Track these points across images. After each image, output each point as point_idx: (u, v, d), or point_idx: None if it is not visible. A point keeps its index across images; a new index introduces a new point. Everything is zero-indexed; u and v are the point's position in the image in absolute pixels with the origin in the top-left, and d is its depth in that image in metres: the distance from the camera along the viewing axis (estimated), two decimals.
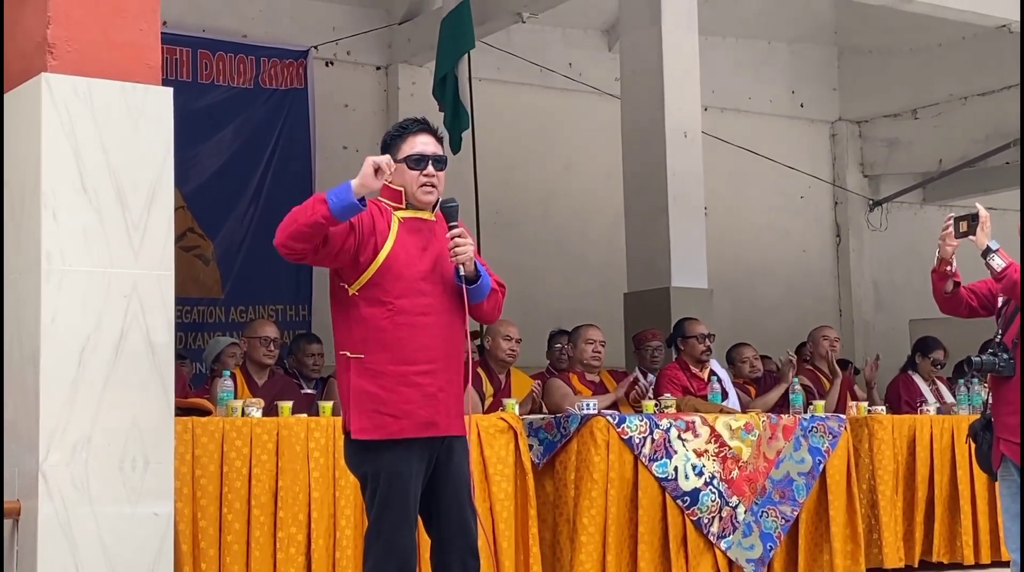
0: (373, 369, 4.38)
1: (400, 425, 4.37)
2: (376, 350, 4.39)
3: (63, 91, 4.74)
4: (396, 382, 4.38)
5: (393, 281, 4.41)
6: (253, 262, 10.95)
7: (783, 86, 14.11)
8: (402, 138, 4.56)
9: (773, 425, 6.98)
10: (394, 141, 4.58)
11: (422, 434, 4.42)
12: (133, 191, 4.84)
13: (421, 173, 4.51)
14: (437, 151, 4.57)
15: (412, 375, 4.40)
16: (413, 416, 4.39)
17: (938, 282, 5.38)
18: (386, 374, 4.38)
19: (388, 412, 4.36)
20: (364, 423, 4.36)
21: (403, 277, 4.43)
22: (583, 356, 7.94)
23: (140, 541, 4.74)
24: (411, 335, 4.41)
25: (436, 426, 4.45)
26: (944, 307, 5.45)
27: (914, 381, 9.13)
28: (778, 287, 13.82)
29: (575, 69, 12.40)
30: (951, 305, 5.40)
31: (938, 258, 5.36)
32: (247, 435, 5.67)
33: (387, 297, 4.40)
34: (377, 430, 4.36)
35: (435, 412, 4.44)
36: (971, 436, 5.37)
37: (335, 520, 5.77)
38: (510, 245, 11.77)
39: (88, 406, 4.68)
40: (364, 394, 4.37)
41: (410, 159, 4.51)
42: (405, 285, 4.43)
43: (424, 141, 4.56)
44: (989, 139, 13.44)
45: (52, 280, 4.65)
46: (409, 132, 4.57)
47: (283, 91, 11.19)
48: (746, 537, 6.77)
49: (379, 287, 4.41)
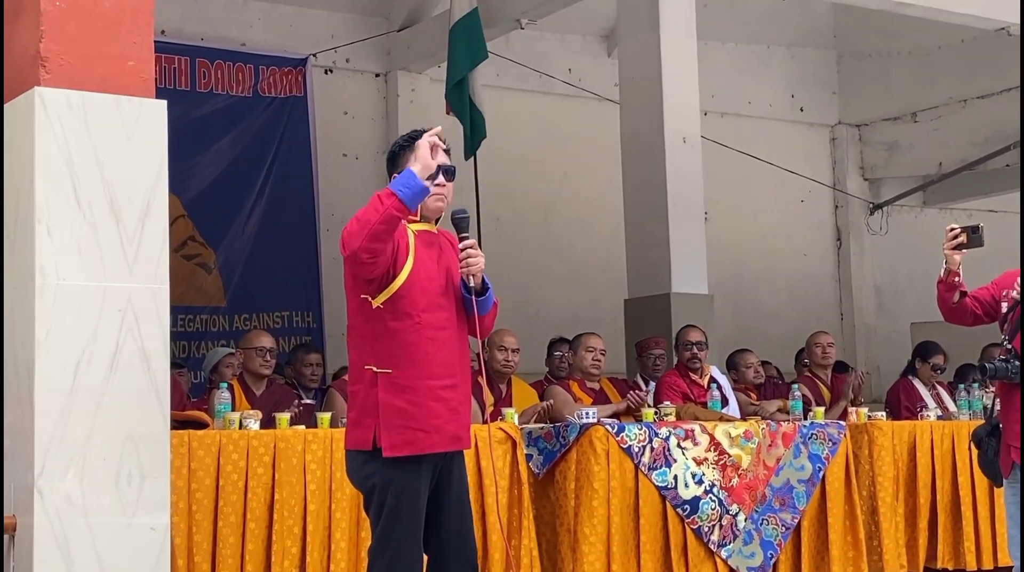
0: (402, 384, 4.37)
1: (431, 440, 4.37)
2: (405, 365, 4.37)
3: (56, 105, 4.72)
4: (426, 397, 4.38)
5: (419, 294, 4.41)
6: (255, 270, 10.96)
7: (782, 90, 14.10)
8: (411, 148, 4.54)
9: (773, 432, 6.96)
10: (403, 151, 4.57)
11: (450, 448, 4.44)
12: (127, 204, 4.82)
13: (433, 183, 4.50)
14: (447, 161, 4.56)
15: (439, 389, 4.41)
16: (443, 431, 4.40)
17: (946, 293, 5.30)
18: (416, 389, 4.37)
19: (419, 427, 4.35)
20: (395, 439, 4.34)
21: (427, 291, 4.43)
22: (583, 364, 7.92)
23: (136, 555, 4.72)
24: (436, 350, 4.41)
25: (461, 440, 4.48)
26: (950, 317, 5.39)
27: (915, 386, 9.11)
28: (779, 292, 13.81)
29: (574, 75, 12.40)
30: (957, 315, 5.34)
31: (946, 269, 5.27)
32: (244, 448, 5.65)
33: (414, 310, 4.40)
34: (408, 446, 4.34)
35: (460, 426, 4.47)
36: (975, 442, 5.33)
37: (330, 532, 5.75)
38: (510, 252, 11.76)
39: (83, 420, 4.66)
40: (394, 410, 4.35)
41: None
42: (429, 299, 4.43)
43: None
44: (988, 142, 13.43)
45: (46, 295, 4.64)
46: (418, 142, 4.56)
47: (282, 99, 11.19)
48: (747, 545, 6.76)
49: (405, 300, 4.40)
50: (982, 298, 5.33)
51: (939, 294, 5.34)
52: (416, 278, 4.42)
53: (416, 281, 4.41)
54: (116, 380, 4.73)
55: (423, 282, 4.43)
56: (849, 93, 14.40)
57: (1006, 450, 5.14)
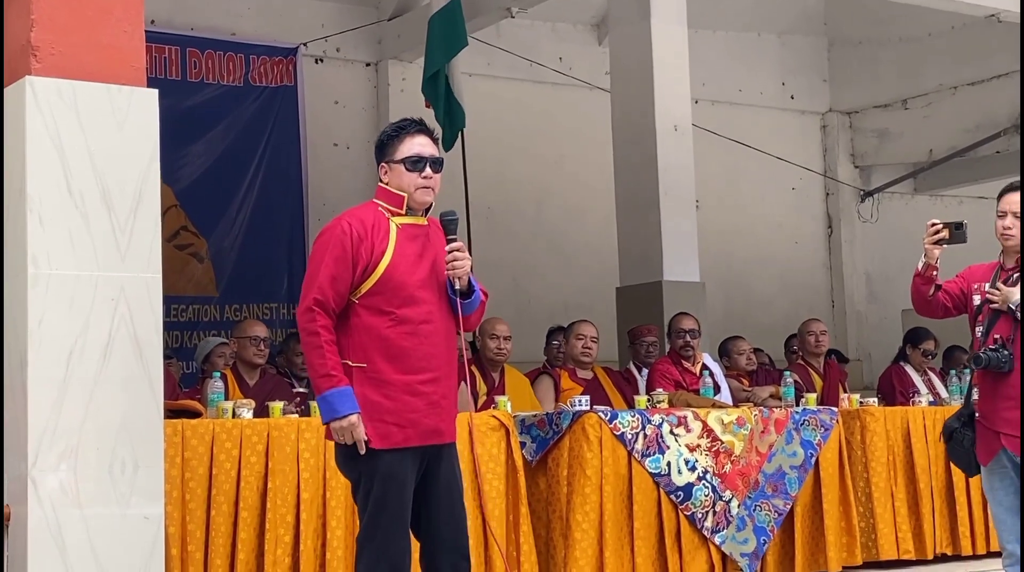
0: (377, 378, 4.38)
1: (405, 434, 4.38)
2: (380, 360, 4.38)
3: (47, 94, 4.72)
4: (401, 391, 4.38)
5: (394, 290, 4.40)
6: (246, 261, 10.95)
7: (773, 78, 14.10)
8: (399, 138, 4.54)
9: (765, 419, 6.98)
10: (390, 141, 4.56)
11: (426, 442, 4.43)
12: (119, 194, 4.82)
13: (419, 175, 4.49)
14: (434, 153, 4.56)
15: (417, 384, 4.40)
16: (419, 425, 4.40)
17: (923, 286, 5.32)
18: (392, 384, 4.38)
19: (393, 421, 4.36)
20: (370, 432, 4.35)
21: (405, 286, 4.42)
22: (574, 352, 7.94)
23: (130, 544, 4.73)
24: (415, 345, 4.40)
25: (440, 434, 4.47)
26: (922, 309, 5.41)
27: (906, 372, 9.13)
28: (770, 279, 13.82)
29: (565, 63, 12.39)
30: (930, 308, 5.38)
31: (924, 263, 5.27)
32: (237, 437, 5.65)
33: (389, 306, 4.40)
34: (382, 440, 4.35)
35: (439, 420, 4.46)
36: (945, 434, 5.35)
37: (325, 521, 5.76)
38: (502, 241, 11.76)
39: (77, 410, 4.66)
40: (369, 403, 4.36)
41: (408, 161, 4.49)
42: (407, 294, 4.42)
43: (421, 142, 4.54)
44: (979, 129, 13.44)
45: (39, 284, 4.64)
46: (406, 132, 4.55)
47: (273, 88, 11.17)
48: (740, 531, 6.77)
49: (380, 296, 4.40)
50: (951, 291, 5.38)
51: (915, 286, 5.35)
52: (393, 273, 4.41)
53: (392, 276, 4.41)
54: (109, 370, 4.73)
55: (401, 277, 4.42)
56: (840, 80, 14.40)
57: (987, 437, 5.16)
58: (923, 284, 5.31)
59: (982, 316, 5.27)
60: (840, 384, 8.82)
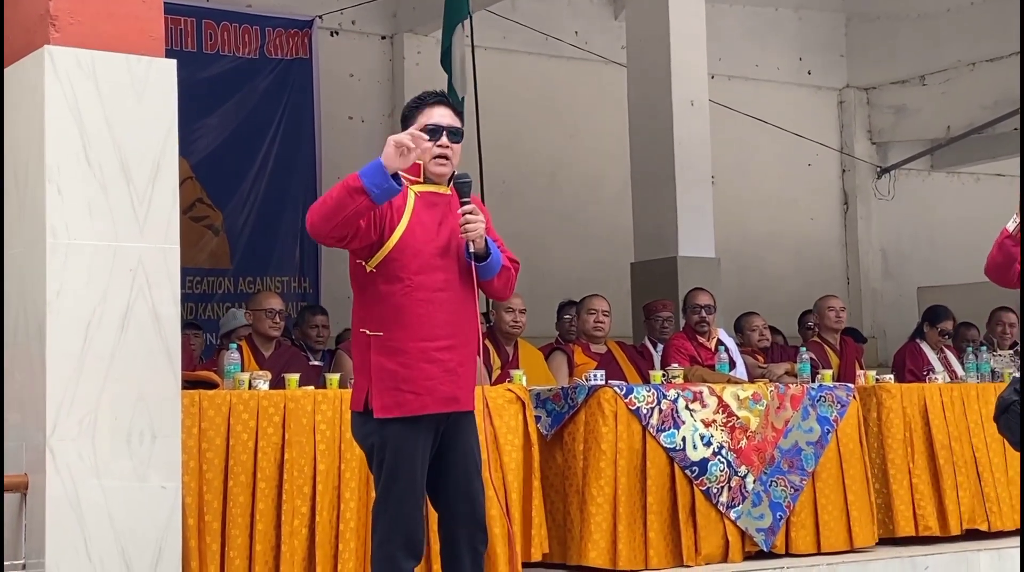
0: (393, 346, 4.37)
1: (421, 402, 4.37)
2: (396, 327, 4.38)
3: (66, 64, 4.71)
4: (417, 359, 4.37)
5: (411, 257, 4.40)
6: (260, 233, 10.98)
7: (790, 53, 14.04)
8: (419, 110, 4.56)
9: (781, 395, 6.96)
10: (412, 113, 4.58)
11: (444, 410, 4.43)
12: (137, 164, 4.82)
13: (436, 144, 4.49)
14: (453, 123, 4.55)
15: (433, 351, 4.39)
16: (435, 392, 4.39)
17: (1013, 248, 5.04)
18: (407, 351, 4.37)
19: (410, 389, 4.36)
20: (386, 401, 4.35)
21: (421, 253, 4.42)
22: (586, 326, 7.94)
23: (148, 515, 4.74)
24: (430, 311, 4.40)
25: (457, 401, 4.47)
26: (1002, 275, 5.10)
27: (922, 350, 9.10)
28: (785, 256, 13.79)
29: (581, 38, 12.35)
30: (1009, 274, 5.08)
31: (1017, 223, 4.99)
32: (254, 408, 5.66)
33: (405, 273, 4.39)
34: (398, 408, 4.35)
35: (456, 387, 4.45)
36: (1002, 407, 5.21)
37: (339, 492, 5.77)
38: (516, 215, 11.74)
39: (95, 380, 4.67)
40: (385, 372, 4.36)
41: (425, 130, 4.49)
42: (423, 261, 4.41)
43: (441, 113, 4.55)
44: (997, 105, 13.38)
45: (57, 254, 4.64)
46: (426, 104, 4.57)
47: (288, 61, 11.17)
48: (755, 507, 6.76)
49: (396, 263, 4.39)
50: None
51: (1002, 250, 5.07)
52: (409, 241, 4.40)
53: (409, 244, 4.40)
54: (127, 340, 4.74)
55: (417, 244, 4.41)
56: (857, 56, 14.33)
57: None
58: (1013, 246, 5.06)
59: None
60: (856, 361, 8.79)
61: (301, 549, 5.67)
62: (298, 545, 5.66)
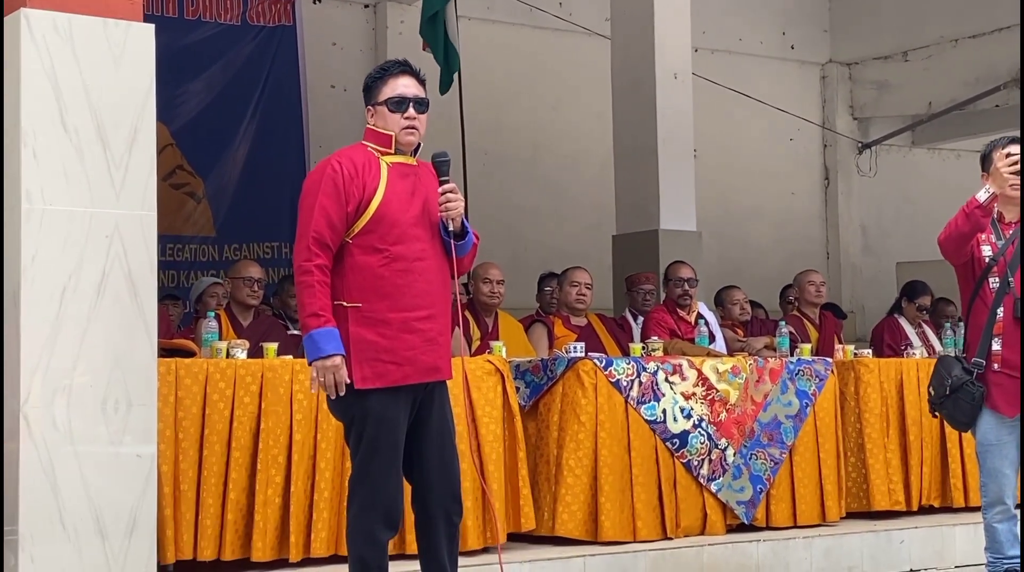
0: (373, 317, 4.36)
1: (403, 372, 4.37)
2: (374, 298, 4.37)
3: (43, 27, 4.66)
4: (398, 330, 4.37)
5: (388, 228, 4.39)
6: (244, 201, 10.93)
7: (774, 27, 14.00)
8: (383, 80, 4.54)
9: (760, 368, 6.97)
10: (375, 83, 4.57)
11: (426, 379, 4.44)
12: (114, 130, 4.78)
13: (402, 115, 4.48)
14: (419, 93, 4.54)
15: (413, 321, 4.40)
16: (417, 362, 4.40)
17: (983, 218, 5.03)
18: (388, 322, 4.36)
19: (391, 360, 4.35)
20: (366, 372, 4.34)
21: (398, 223, 4.41)
22: (568, 299, 7.92)
23: (123, 483, 4.72)
24: (409, 282, 4.40)
25: (439, 370, 4.48)
26: (956, 249, 5.11)
27: (900, 325, 9.13)
28: (766, 230, 13.80)
29: (565, 9, 12.29)
30: (963, 248, 5.10)
31: (991, 194, 4.99)
32: (231, 377, 5.63)
33: (383, 244, 4.38)
34: (379, 378, 4.35)
35: (437, 356, 4.46)
36: (954, 387, 5.21)
37: (315, 462, 5.75)
38: (498, 187, 11.72)
39: (70, 347, 4.64)
40: (364, 343, 4.35)
41: (390, 102, 4.49)
42: (400, 231, 4.41)
43: (405, 83, 4.53)
44: (979, 82, 13.36)
45: (32, 219, 4.60)
46: (390, 74, 4.55)
47: (271, 28, 11.09)
48: (736, 479, 6.77)
49: (374, 234, 4.38)
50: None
51: (968, 220, 5.02)
52: (386, 211, 4.40)
53: (386, 214, 4.39)
54: (103, 307, 4.71)
55: (394, 215, 4.40)
56: (840, 31, 14.30)
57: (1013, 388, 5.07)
58: (983, 216, 5.04)
59: (998, 268, 5.15)
60: (835, 336, 8.80)
61: (274, 519, 5.66)
62: (271, 515, 5.64)
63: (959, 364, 5.24)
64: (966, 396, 5.18)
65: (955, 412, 5.25)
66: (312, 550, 5.71)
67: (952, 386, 5.20)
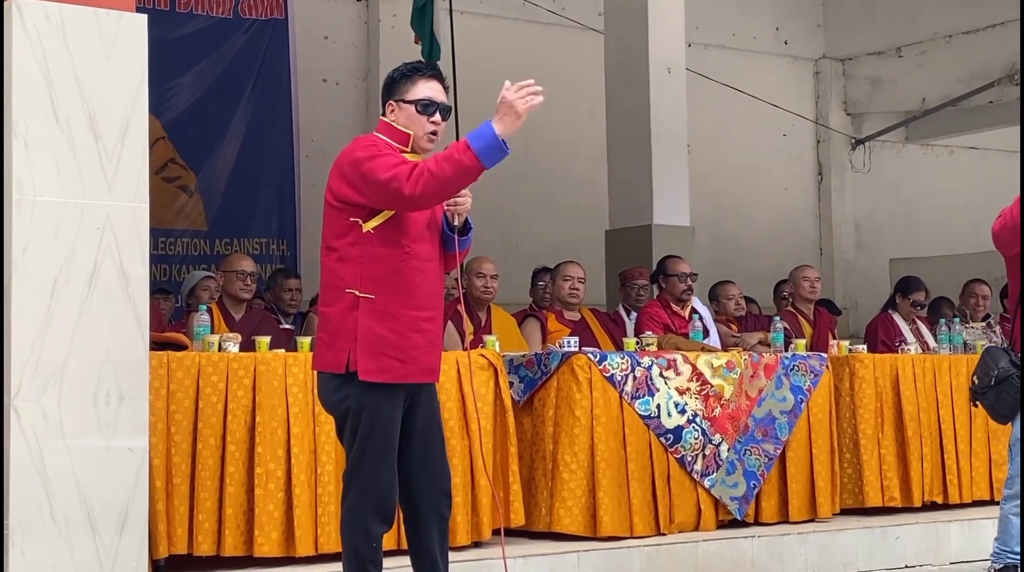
0: (384, 311, 4.33)
1: (406, 370, 4.36)
2: (389, 292, 4.33)
3: (34, 16, 4.63)
4: (406, 327, 4.35)
5: (410, 224, 4.38)
6: (237, 195, 10.90)
7: (768, 22, 13.99)
8: (411, 79, 4.49)
9: (755, 364, 6.94)
10: (403, 79, 4.51)
11: (424, 380, 4.44)
12: (106, 121, 4.74)
13: (428, 119, 4.45)
14: (445, 100, 4.53)
15: (421, 321, 4.39)
16: (419, 362, 4.39)
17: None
18: (398, 318, 4.34)
19: (395, 356, 4.33)
20: (370, 364, 4.31)
21: (416, 222, 4.41)
22: (561, 293, 7.89)
23: (114, 476, 4.69)
24: (421, 281, 4.40)
25: (435, 372, 4.48)
26: (1009, 240, 5.07)
27: (894, 321, 9.09)
28: (759, 225, 13.79)
29: (558, 3, 12.27)
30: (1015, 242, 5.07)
31: None
32: (223, 370, 5.59)
33: (405, 239, 4.36)
34: (383, 373, 4.32)
35: (434, 358, 4.46)
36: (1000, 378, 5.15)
37: (316, 455, 5.72)
38: (491, 181, 11.56)
39: (61, 339, 4.60)
40: (373, 336, 4.32)
41: (420, 103, 4.45)
42: (417, 230, 4.41)
43: (435, 87, 4.51)
44: (973, 78, 13.37)
45: (23, 210, 4.56)
46: (422, 75, 4.51)
47: (263, 21, 11.06)
48: (730, 475, 6.75)
49: (398, 228, 4.35)
50: None
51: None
52: None
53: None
54: (94, 299, 4.67)
55: (414, 213, 4.38)
56: (834, 26, 14.30)
57: None
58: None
59: None
60: (830, 331, 8.79)
61: (278, 512, 5.61)
62: (274, 509, 5.60)
63: (1007, 356, 5.20)
64: (1010, 388, 5.16)
65: (997, 404, 5.22)
66: (320, 546, 5.66)
67: (998, 377, 5.17)
